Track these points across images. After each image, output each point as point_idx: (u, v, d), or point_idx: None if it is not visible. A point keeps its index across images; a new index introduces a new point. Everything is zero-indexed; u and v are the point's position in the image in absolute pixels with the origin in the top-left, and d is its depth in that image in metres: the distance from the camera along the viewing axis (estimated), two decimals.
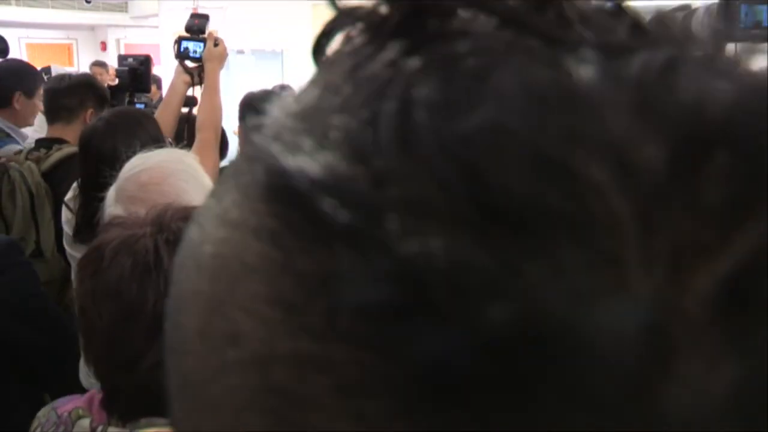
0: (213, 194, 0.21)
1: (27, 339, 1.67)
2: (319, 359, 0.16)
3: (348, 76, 0.18)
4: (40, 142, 2.29)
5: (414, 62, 0.17)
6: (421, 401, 0.14)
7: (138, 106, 2.56)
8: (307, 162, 0.16)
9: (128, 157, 1.44)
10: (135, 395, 0.89)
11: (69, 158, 2.15)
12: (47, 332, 1.66)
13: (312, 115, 0.18)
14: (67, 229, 1.83)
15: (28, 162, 2.12)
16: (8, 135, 2.56)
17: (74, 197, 1.83)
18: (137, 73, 2.57)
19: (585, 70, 0.16)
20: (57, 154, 2.16)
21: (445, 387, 0.14)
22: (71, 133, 2.28)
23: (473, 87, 0.16)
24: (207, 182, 1.36)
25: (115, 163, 1.68)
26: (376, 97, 0.16)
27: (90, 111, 2.33)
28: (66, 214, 1.84)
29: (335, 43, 0.20)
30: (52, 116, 2.35)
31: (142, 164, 1.32)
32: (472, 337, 0.14)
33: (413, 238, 0.15)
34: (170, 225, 0.91)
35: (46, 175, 2.13)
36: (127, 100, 2.56)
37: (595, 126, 0.15)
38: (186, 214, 0.95)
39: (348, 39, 0.19)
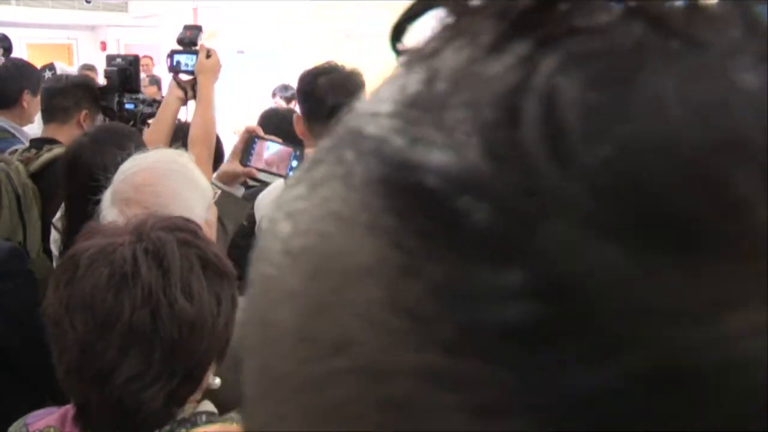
0: (301, 181, 0.19)
1: (26, 348, 1.66)
2: (450, 375, 0.14)
3: (468, 68, 0.16)
4: (33, 142, 2.30)
5: (550, 60, 0.15)
6: (563, 428, 0.14)
7: (128, 106, 2.55)
8: (441, 157, 0.15)
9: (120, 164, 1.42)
10: (108, 410, 0.85)
11: (58, 159, 2.13)
12: (46, 342, 1.65)
13: (433, 107, 0.16)
14: (55, 249, 1.80)
15: (16, 162, 2.12)
16: (13, 135, 2.57)
17: (62, 217, 1.80)
18: (126, 73, 2.54)
19: (746, 80, 0.15)
20: (46, 155, 2.16)
21: (596, 418, 0.13)
22: (65, 134, 2.28)
23: (622, 91, 0.15)
24: (202, 182, 1.33)
25: (104, 181, 1.67)
26: (514, 94, 0.15)
27: (84, 112, 2.34)
28: (54, 235, 1.81)
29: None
30: (47, 116, 2.35)
31: (136, 165, 1.30)
32: (637, 370, 0.13)
33: (572, 252, 0.14)
34: (150, 234, 0.88)
35: (35, 176, 2.13)
36: (116, 100, 2.54)
37: (759, 139, 0.14)
38: (168, 224, 0.91)
39: (449, 28, 0.18)
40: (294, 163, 1.69)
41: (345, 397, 0.16)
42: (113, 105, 2.51)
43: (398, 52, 0.20)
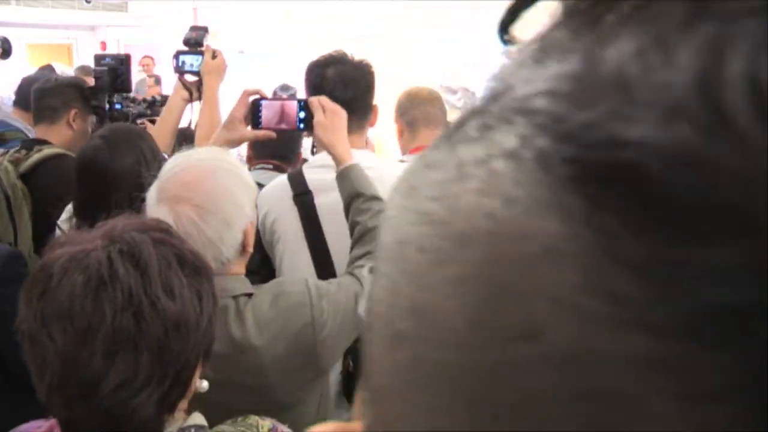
0: (444, 164, 0.18)
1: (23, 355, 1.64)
2: (661, 361, 0.14)
3: (649, 48, 0.15)
4: (23, 143, 2.30)
5: (740, 41, 0.15)
6: None
7: (116, 106, 2.54)
8: (642, 132, 0.14)
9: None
10: (97, 423, 0.81)
11: (48, 160, 2.16)
12: None
13: (615, 86, 0.15)
14: None
15: (6, 163, 2.11)
16: (26, 136, 2.60)
17: (69, 219, 1.79)
18: (117, 72, 2.52)
19: None
20: (36, 156, 2.16)
21: None
22: (55, 134, 2.29)
23: None
24: (250, 180, 1.30)
25: (123, 182, 1.65)
26: (712, 74, 0.14)
27: (74, 111, 2.33)
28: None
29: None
30: (37, 117, 2.35)
31: (183, 163, 1.26)
32: None
33: None
34: (123, 236, 0.84)
35: (25, 177, 2.13)
36: (106, 99, 2.52)
37: None
38: (139, 224, 0.88)
39: (586, 12, 0.17)
40: (302, 114, 1.65)
41: (533, 387, 0.15)
42: (104, 104, 2.50)
43: (505, 41, 0.20)
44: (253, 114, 1.71)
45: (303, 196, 1.69)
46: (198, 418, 0.92)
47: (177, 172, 1.24)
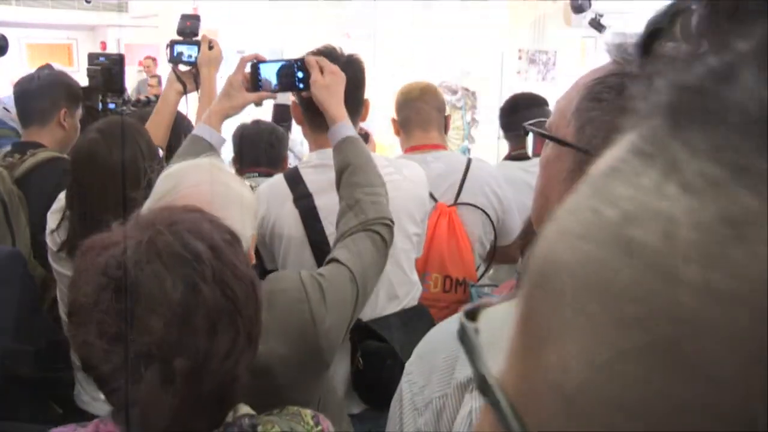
0: (686, 221, 0.15)
1: (25, 352, 1.64)
2: None
3: None
4: (15, 146, 2.24)
5: None
6: None
7: (110, 106, 2.52)
8: None
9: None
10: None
11: (43, 164, 2.12)
12: (44, 351, 1.63)
13: None
14: (51, 243, 1.75)
15: (0, 169, 2.08)
16: (18, 136, 2.56)
17: (60, 209, 1.76)
18: (111, 72, 2.50)
19: None
20: (31, 160, 2.12)
21: None
22: (46, 136, 2.23)
23: None
24: (247, 195, 1.22)
25: (121, 176, 1.65)
26: None
27: (63, 110, 2.27)
28: (50, 227, 1.77)
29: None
30: (25, 120, 2.27)
31: (173, 188, 1.17)
32: None
33: None
34: (174, 217, 0.85)
35: (20, 181, 2.09)
36: (99, 99, 2.50)
37: None
38: (174, 210, 0.89)
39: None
40: (300, 74, 1.64)
41: None
42: (97, 104, 2.46)
43: (647, 52, 0.18)
44: (253, 77, 1.69)
45: (303, 200, 1.68)
46: (246, 408, 0.92)
47: (169, 203, 1.15)
